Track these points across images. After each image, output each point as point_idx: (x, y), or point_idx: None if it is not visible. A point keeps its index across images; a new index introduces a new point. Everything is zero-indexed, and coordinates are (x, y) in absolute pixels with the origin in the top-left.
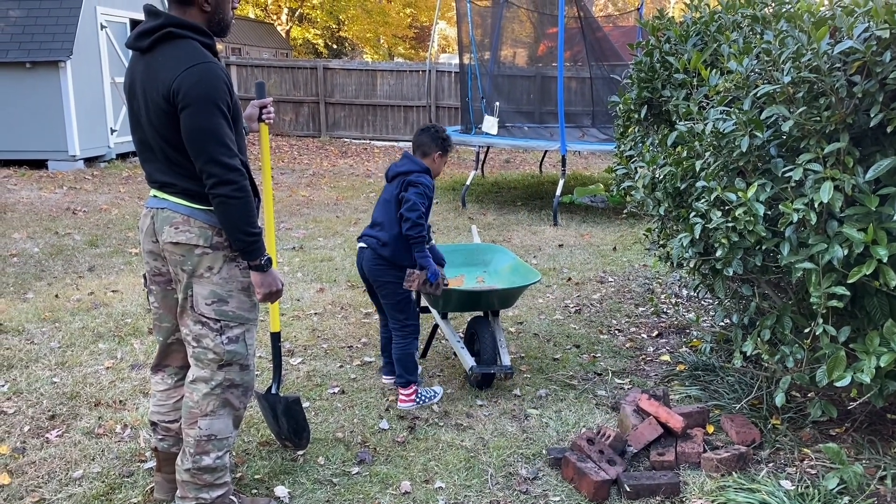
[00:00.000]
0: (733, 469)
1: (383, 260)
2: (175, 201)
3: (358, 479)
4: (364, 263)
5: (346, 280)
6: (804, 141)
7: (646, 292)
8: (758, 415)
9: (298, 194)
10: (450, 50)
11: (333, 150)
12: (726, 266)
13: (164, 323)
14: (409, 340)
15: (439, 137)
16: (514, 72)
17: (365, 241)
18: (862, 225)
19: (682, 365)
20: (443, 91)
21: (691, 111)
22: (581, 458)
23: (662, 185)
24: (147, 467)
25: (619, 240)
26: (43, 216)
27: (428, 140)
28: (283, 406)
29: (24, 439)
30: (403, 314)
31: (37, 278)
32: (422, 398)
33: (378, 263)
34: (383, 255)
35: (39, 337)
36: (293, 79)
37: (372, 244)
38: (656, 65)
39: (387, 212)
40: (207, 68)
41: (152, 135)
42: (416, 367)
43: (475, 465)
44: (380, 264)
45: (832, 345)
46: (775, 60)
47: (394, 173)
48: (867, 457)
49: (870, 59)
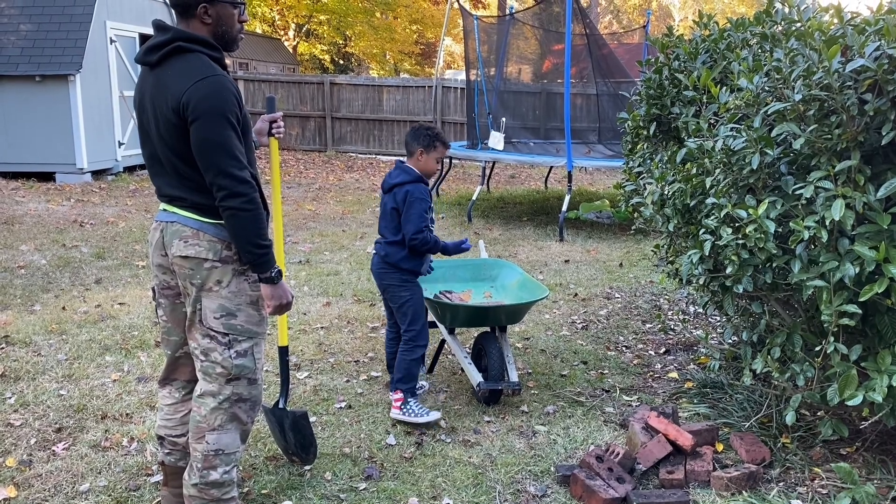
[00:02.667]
0: (743, 488)
1: (386, 264)
2: (185, 215)
3: (365, 495)
4: (373, 268)
5: (353, 294)
6: (815, 159)
7: (653, 309)
8: (767, 433)
9: (304, 208)
10: (455, 66)
11: (339, 165)
12: (736, 283)
13: (173, 337)
14: (410, 347)
15: (421, 134)
16: (520, 88)
17: (375, 248)
18: (874, 243)
19: (691, 382)
20: (449, 107)
21: (701, 128)
22: (590, 476)
23: (672, 202)
24: (154, 481)
25: (626, 256)
26: (50, 228)
27: (410, 139)
28: (290, 420)
29: (31, 452)
30: (407, 318)
31: (44, 290)
32: (409, 410)
33: (382, 267)
34: (386, 260)
35: (46, 349)
36: (300, 93)
37: (377, 249)
38: (665, 82)
39: (386, 221)
40: (217, 81)
41: (162, 149)
42: (411, 378)
43: (483, 481)
44: (383, 268)
45: (843, 363)
46: (786, 78)
47: (388, 185)
48: (878, 476)
49: (881, 78)
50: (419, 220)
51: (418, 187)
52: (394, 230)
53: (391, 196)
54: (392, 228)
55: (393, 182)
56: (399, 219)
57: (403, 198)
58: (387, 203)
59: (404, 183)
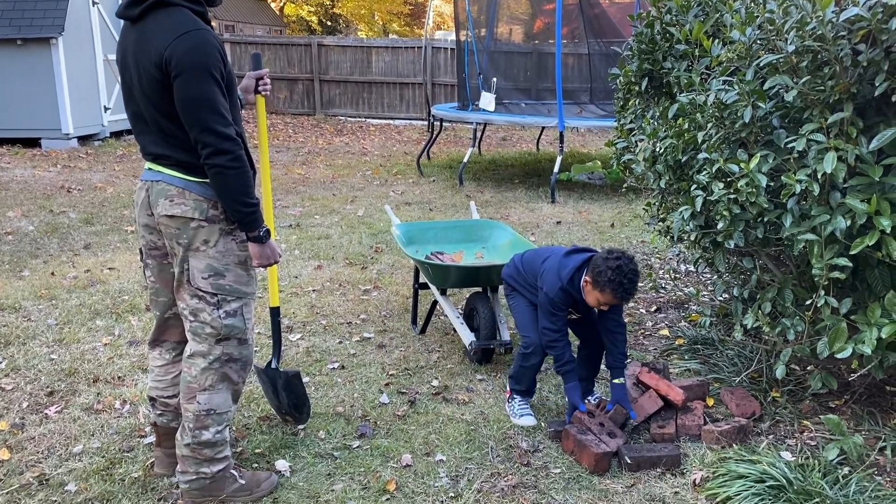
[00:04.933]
0: (734, 441)
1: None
2: (170, 174)
3: (359, 453)
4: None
5: (344, 257)
6: (807, 111)
7: (644, 268)
8: (757, 388)
9: (294, 172)
10: (445, 26)
11: (329, 129)
12: (727, 239)
13: (161, 297)
14: (522, 353)
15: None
16: (511, 48)
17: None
18: (865, 195)
19: (682, 339)
20: (439, 68)
21: (693, 82)
22: (581, 431)
23: (663, 158)
24: (147, 442)
25: (617, 216)
26: (37, 194)
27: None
28: (283, 381)
29: (23, 415)
30: (517, 326)
31: (32, 256)
32: (511, 406)
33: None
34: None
35: (36, 314)
36: (287, 56)
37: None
38: (657, 36)
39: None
40: (200, 35)
41: (145, 106)
42: (521, 380)
43: (476, 438)
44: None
45: (833, 317)
46: (779, 29)
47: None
48: (867, 428)
49: (875, 27)
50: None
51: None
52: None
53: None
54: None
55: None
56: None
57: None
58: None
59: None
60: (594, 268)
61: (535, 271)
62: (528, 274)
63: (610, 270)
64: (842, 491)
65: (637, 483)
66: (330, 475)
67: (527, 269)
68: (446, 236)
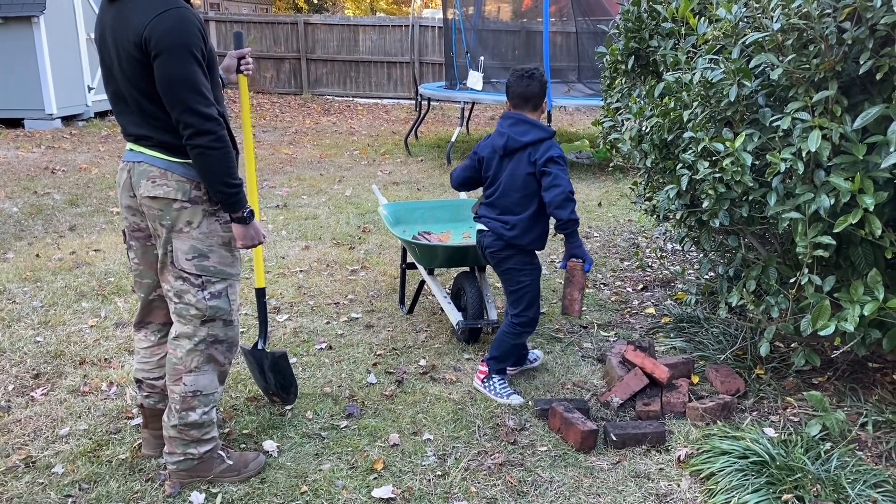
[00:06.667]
0: (718, 418)
1: (510, 245)
2: (152, 154)
3: (346, 433)
4: (487, 249)
5: (332, 238)
6: (792, 90)
7: (631, 247)
8: (742, 365)
9: (281, 152)
10: (433, 4)
11: (316, 108)
12: (713, 217)
13: (145, 279)
14: (517, 332)
15: (541, 81)
16: (499, 26)
17: (486, 224)
18: (849, 174)
19: (667, 317)
20: (426, 46)
21: (679, 61)
22: (568, 409)
23: (649, 137)
24: (134, 424)
25: (605, 195)
26: (21, 175)
27: (535, 87)
28: (269, 361)
29: (9, 398)
30: (522, 304)
31: (17, 238)
32: (491, 386)
33: (502, 249)
34: (513, 242)
35: (21, 296)
36: (273, 34)
37: (493, 228)
38: (644, 14)
39: (515, 192)
40: (179, 13)
41: (126, 86)
42: (505, 359)
43: (463, 417)
44: (504, 250)
45: (817, 294)
46: (764, 7)
47: (517, 145)
48: (849, 404)
49: (860, 5)
50: (569, 182)
51: (559, 147)
52: (525, 203)
53: (522, 159)
54: (523, 201)
55: (525, 140)
56: (535, 187)
57: (545, 159)
58: (514, 168)
59: (541, 140)
60: (539, 97)
61: (516, 199)
62: (514, 220)
63: (542, 78)
64: (823, 466)
65: (622, 460)
66: (317, 455)
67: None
68: (434, 216)
